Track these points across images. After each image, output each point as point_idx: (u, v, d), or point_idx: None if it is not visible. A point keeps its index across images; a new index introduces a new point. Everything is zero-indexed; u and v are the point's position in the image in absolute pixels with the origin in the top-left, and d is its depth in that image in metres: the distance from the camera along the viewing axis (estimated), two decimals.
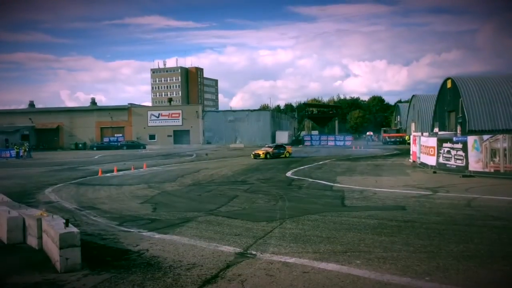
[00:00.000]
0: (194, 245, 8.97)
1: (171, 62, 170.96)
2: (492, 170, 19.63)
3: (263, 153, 36.86)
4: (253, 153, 37.69)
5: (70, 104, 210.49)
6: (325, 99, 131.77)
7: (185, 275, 7.09)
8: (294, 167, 27.73)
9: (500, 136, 19.80)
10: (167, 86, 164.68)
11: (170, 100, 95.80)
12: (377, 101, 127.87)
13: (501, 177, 18.87)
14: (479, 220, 10.86)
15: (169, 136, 70.91)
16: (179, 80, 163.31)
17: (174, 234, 10.01)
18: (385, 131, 71.88)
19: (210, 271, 7.23)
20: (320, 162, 31.79)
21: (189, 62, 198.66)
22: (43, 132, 73.99)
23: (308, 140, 66.49)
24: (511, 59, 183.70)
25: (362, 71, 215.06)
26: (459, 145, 21.32)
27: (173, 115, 71.92)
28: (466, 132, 36.93)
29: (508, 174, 18.81)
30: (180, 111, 72.70)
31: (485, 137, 20.42)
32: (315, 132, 79.99)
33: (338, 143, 63.44)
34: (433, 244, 8.51)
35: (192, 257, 8.10)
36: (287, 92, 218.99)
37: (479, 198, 14.23)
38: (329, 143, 63.62)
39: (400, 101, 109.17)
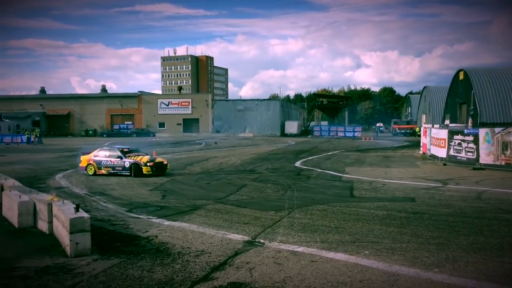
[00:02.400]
0: (203, 233, 9.02)
1: (181, 50, 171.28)
2: (503, 163, 19.42)
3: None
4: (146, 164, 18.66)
5: (80, 91, 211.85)
6: (335, 90, 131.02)
7: (194, 261, 7.14)
8: (303, 157, 27.69)
9: None
10: (177, 75, 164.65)
11: (180, 88, 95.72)
12: (387, 92, 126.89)
13: None
14: (489, 212, 10.78)
15: (178, 124, 71.06)
16: (189, 68, 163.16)
17: (183, 221, 10.07)
18: (395, 123, 71.43)
19: (219, 258, 7.27)
20: (329, 153, 31.70)
21: (199, 50, 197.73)
22: (53, 118, 74.51)
23: (318, 131, 66.34)
24: None
25: (373, 61, 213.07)
26: (470, 138, 21.11)
27: (182, 104, 71.98)
28: (478, 125, 36.55)
29: None
30: (189, 100, 72.74)
31: (497, 129, 20.18)
32: (325, 123, 79.75)
33: (347, 134, 63.20)
34: (442, 236, 8.47)
35: (200, 244, 8.14)
36: (297, 82, 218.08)
37: (490, 191, 14.11)
38: (338, 134, 63.40)
39: (411, 93, 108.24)
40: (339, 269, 6.63)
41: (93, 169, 19.25)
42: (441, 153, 23.51)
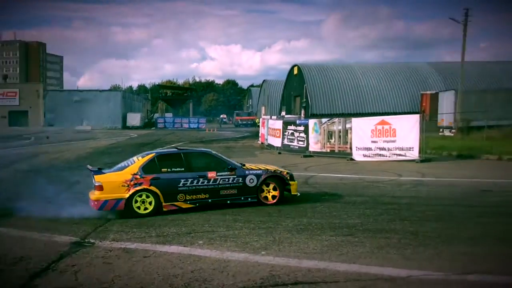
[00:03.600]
0: (24, 237, 8.14)
1: (8, 35, 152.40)
2: (328, 150, 21.58)
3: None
4: None
5: None
6: (180, 81, 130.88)
7: (10, 270, 6.37)
8: (145, 151, 26.95)
9: (336, 119, 21.83)
10: (2, 62, 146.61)
11: (5, 77, 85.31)
12: (231, 85, 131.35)
13: (335, 156, 20.86)
14: (314, 195, 11.84)
15: (3, 117, 63.52)
16: (17, 55, 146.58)
17: (0, 226, 8.93)
18: (237, 114, 74.44)
19: (41, 264, 6.60)
20: (173, 145, 31.46)
21: (29, 36, 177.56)
22: None
23: (162, 123, 65.69)
24: (351, 50, 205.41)
25: (218, 54, 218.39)
26: (302, 128, 22.99)
27: (8, 94, 64.62)
28: (309, 116, 40.09)
29: (341, 153, 20.87)
30: (17, 90, 65.67)
31: (324, 120, 22.33)
32: (169, 115, 79.19)
33: (192, 125, 63.87)
34: (271, 220, 9.01)
35: (19, 250, 7.30)
36: (141, 72, 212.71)
37: (316, 176, 15.54)
38: (183, 126, 63.66)
39: (252, 86, 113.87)
40: (171, 262, 6.56)
41: (152, 201, 9.82)
42: (277, 142, 25.17)
